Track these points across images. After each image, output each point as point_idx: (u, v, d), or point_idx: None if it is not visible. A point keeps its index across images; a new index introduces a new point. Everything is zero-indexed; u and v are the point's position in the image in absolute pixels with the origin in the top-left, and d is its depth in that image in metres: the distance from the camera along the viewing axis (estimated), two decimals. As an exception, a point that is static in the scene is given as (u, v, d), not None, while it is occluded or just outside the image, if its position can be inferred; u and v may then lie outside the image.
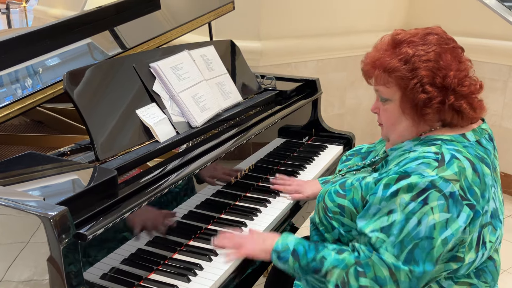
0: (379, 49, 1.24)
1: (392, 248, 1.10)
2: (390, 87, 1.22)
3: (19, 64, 1.56)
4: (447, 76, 1.16)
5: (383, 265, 1.11)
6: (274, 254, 1.28)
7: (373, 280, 1.12)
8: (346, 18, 3.42)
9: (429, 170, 1.10)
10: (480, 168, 1.15)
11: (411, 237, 1.09)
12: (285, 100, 2.11)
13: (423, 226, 1.08)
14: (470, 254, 1.15)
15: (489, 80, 3.40)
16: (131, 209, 1.21)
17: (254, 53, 2.97)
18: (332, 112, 3.55)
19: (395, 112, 1.23)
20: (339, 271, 1.16)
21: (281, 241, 1.29)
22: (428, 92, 1.16)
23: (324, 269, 1.18)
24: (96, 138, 1.36)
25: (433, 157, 1.13)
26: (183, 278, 1.27)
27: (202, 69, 1.79)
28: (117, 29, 1.88)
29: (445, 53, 1.18)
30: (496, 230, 1.20)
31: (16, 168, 1.27)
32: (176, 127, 1.58)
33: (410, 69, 1.17)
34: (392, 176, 1.13)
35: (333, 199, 1.28)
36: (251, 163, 1.79)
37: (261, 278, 1.55)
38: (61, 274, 1.02)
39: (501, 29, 3.31)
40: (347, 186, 1.28)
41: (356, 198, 1.24)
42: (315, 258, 1.21)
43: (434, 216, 1.08)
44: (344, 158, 1.59)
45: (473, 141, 1.20)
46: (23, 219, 1.04)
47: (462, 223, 1.09)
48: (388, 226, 1.11)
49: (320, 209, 1.33)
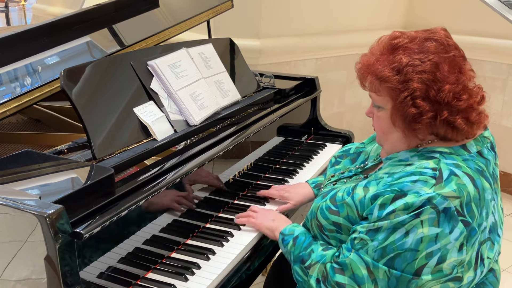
0: (374, 53, 1.18)
1: (372, 252, 1.09)
2: (381, 96, 1.16)
3: (17, 61, 1.55)
4: (441, 89, 1.08)
5: (362, 263, 1.10)
6: (281, 236, 1.34)
7: (351, 278, 1.11)
8: (345, 17, 3.41)
9: (426, 188, 1.06)
10: (480, 184, 1.10)
11: (395, 246, 1.06)
12: (284, 98, 2.11)
13: (410, 238, 1.05)
14: (469, 273, 1.11)
15: (489, 78, 3.40)
16: (128, 208, 1.20)
17: (253, 52, 2.96)
18: (331, 111, 3.54)
19: (386, 121, 1.17)
20: (320, 266, 1.18)
21: (289, 227, 1.35)
22: (419, 107, 1.09)
23: (308, 262, 1.22)
24: (93, 136, 1.35)
25: (430, 173, 1.08)
26: (181, 277, 1.26)
27: (200, 67, 1.78)
28: (116, 26, 1.87)
29: (443, 63, 1.10)
30: (494, 244, 1.17)
31: (13, 166, 1.27)
32: (174, 125, 1.57)
33: (402, 80, 1.10)
34: (388, 196, 1.08)
35: (327, 216, 1.24)
36: (250, 161, 1.78)
37: (260, 277, 1.54)
38: (57, 273, 1.01)
39: (501, 27, 3.30)
40: (338, 201, 1.22)
41: (352, 215, 1.18)
42: (307, 248, 1.25)
43: (423, 230, 1.04)
44: (334, 161, 1.55)
45: (474, 153, 1.15)
46: (20, 218, 1.03)
47: (454, 240, 1.05)
48: (374, 231, 1.09)
49: (314, 226, 1.29)
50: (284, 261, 1.70)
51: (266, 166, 1.91)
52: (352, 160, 1.49)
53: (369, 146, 1.47)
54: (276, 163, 1.98)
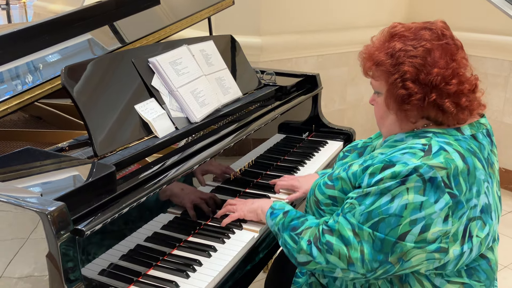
0: (374, 42, 1.25)
1: (359, 215, 1.14)
2: (378, 81, 1.23)
3: (18, 59, 1.55)
4: (430, 72, 1.14)
5: (348, 225, 1.15)
6: (269, 209, 1.39)
7: (338, 238, 1.17)
8: (346, 13, 3.41)
9: (414, 159, 1.11)
10: (471, 161, 1.14)
11: (380, 211, 1.11)
12: (285, 95, 2.10)
13: (395, 204, 1.10)
14: (455, 246, 1.13)
15: (491, 75, 3.39)
16: (130, 205, 1.20)
17: (254, 49, 2.96)
18: (333, 108, 3.54)
19: (382, 106, 1.24)
20: (312, 229, 1.24)
21: (279, 203, 1.41)
22: (408, 88, 1.15)
23: (301, 229, 1.26)
24: (94, 133, 1.35)
25: (420, 147, 1.14)
26: (182, 274, 1.27)
27: (202, 64, 1.78)
28: (117, 24, 1.87)
29: (435, 49, 1.16)
30: (486, 225, 1.18)
31: (14, 163, 1.27)
32: (175, 123, 1.57)
33: (394, 63, 1.17)
34: (377, 165, 1.14)
35: (323, 191, 1.30)
36: (251, 159, 1.78)
37: (261, 274, 1.54)
38: (59, 269, 1.02)
39: (503, 24, 3.29)
40: (334, 176, 1.29)
41: (346, 187, 1.25)
42: (299, 218, 1.30)
43: (408, 197, 1.09)
44: (342, 155, 1.58)
45: (468, 135, 1.19)
46: (22, 215, 1.04)
47: (438, 209, 1.09)
48: (363, 196, 1.14)
49: (312, 203, 1.34)
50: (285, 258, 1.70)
51: (268, 163, 1.91)
52: (359, 154, 1.52)
53: (376, 141, 1.49)
54: (277, 160, 1.98)
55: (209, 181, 1.56)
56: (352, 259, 1.14)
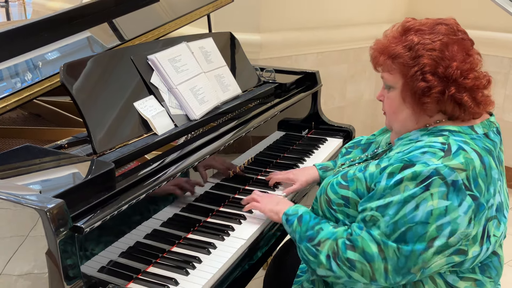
0: (388, 36, 1.24)
1: (385, 227, 1.11)
2: (393, 74, 1.21)
3: (17, 56, 1.55)
4: (449, 66, 1.14)
5: (372, 241, 1.12)
6: (284, 216, 1.36)
7: (361, 255, 1.13)
8: (346, 10, 3.40)
9: (435, 159, 1.09)
10: (488, 161, 1.13)
11: (406, 220, 1.09)
12: (284, 93, 2.10)
13: (420, 211, 1.08)
14: (474, 247, 1.13)
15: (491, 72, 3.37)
16: (129, 202, 1.20)
17: (254, 46, 2.95)
18: (332, 105, 3.53)
19: (396, 100, 1.22)
20: (331, 242, 1.20)
21: (293, 207, 1.38)
22: (428, 81, 1.15)
23: (317, 239, 1.22)
24: (93, 131, 1.35)
25: (439, 146, 1.12)
26: (182, 271, 1.27)
27: (201, 61, 1.78)
28: (116, 21, 1.87)
29: (453, 44, 1.16)
30: (501, 224, 1.19)
31: (13, 161, 1.27)
32: (174, 120, 1.57)
33: (413, 56, 1.16)
34: (397, 165, 1.12)
35: (336, 190, 1.27)
36: (250, 156, 1.78)
37: (260, 271, 1.54)
38: (58, 267, 1.01)
39: (503, 21, 3.28)
40: (349, 176, 1.26)
41: (361, 188, 1.21)
42: (314, 227, 1.26)
43: (433, 202, 1.07)
44: (344, 151, 1.57)
45: (481, 134, 1.19)
46: (21, 212, 1.03)
47: (462, 213, 1.08)
48: (384, 206, 1.11)
49: (323, 202, 1.31)
50: (284, 255, 1.70)
51: (267, 160, 1.91)
52: (363, 150, 1.52)
53: (380, 137, 1.49)
54: (277, 158, 1.98)
55: (208, 178, 1.56)
56: (376, 276, 1.13)
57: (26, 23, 1.58)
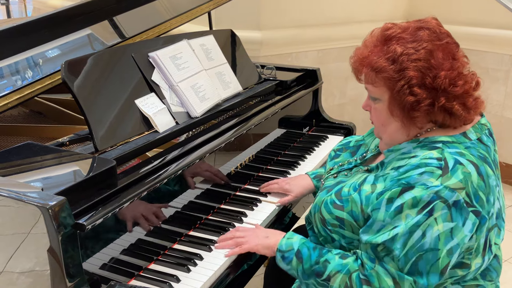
0: (368, 45, 1.17)
1: (396, 262, 1.08)
2: (378, 87, 1.15)
3: (18, 54, 1.55)
4: (437, 76, 1.09)
5: (387, 275, 1.09)
6: (279, 254, 1.27)
7: None
8: (347, 8, 3.39)
9: (433, 180, 1.06)
10: (485, 170, 1.10)
11: (415, 249, 1.06)
12: (285, 90, 2.10)
13: (428, 238, 1.05)
14: (477, 259, 1.12)
15: (491, 70, 3.38)
16: (130, 199, 1.20)
17: (255, 43, 2.95)
18: (333, 103, 3.53)
19: (384, 112, 1.17)
20: (343, 276, 1.14)
21: (285, 241, 1.28)
22: (416, 94, 1.09)
23: (327, 273, 1.17)
24: (95, 128, 1.35)
25: (436, 164, 1.07)
26: (183, 268, 1.27)
27: (202, 58, 1.78)
28: (116, 18, 1.86)
29: (437, 50, 1.10)
30: (501, 230, 1.18)
31: (15, 158, 1.27)
32: (175, 117, 1.57)
33: (398, 69, 1.10)
34: (395, 190, 1.08)
35: (330, 210, 1.22)
36: (251, 153, 1.78)
37: (261, 268, 1.55)
38: (60, 264, 1.02)
39: (503, 18, 3.28)
40: (344, 195, 1.21)
41: (355, 210, 1.18)
42: (319, 261, 1.19)
43: (438, 227, 1.04)
44: (333, 154, 1.53)
45: (475, 139, 1.16)
46: (23, 210, 1.04)
47: (468, 232, 1.06)
48: (391, 240, 1.07)
49: (317, 220, 1.28)
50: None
51: (268, 158, 1.91)
52: (352, 153, 1.48)
53: (368, 139, 1.46)
54: (277, 155, 1.98)
55: (208, 178, 1.56)
56: None
57: (27, 20, 1.58)
